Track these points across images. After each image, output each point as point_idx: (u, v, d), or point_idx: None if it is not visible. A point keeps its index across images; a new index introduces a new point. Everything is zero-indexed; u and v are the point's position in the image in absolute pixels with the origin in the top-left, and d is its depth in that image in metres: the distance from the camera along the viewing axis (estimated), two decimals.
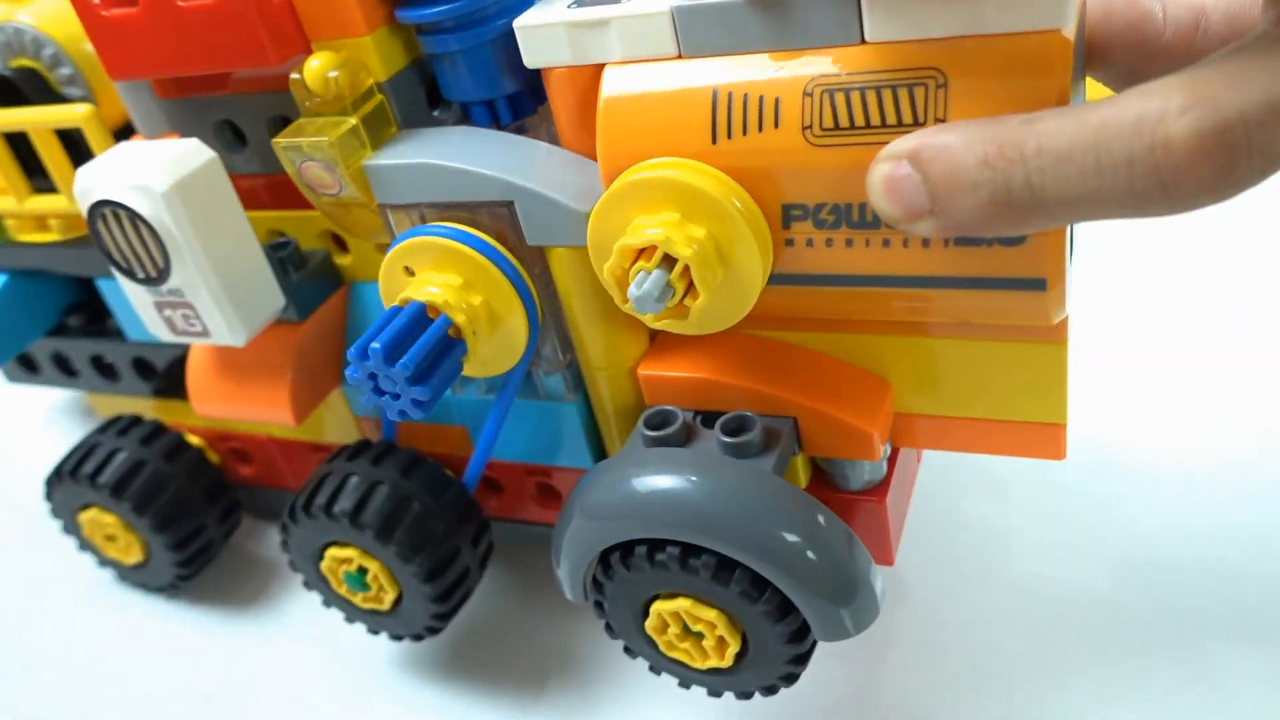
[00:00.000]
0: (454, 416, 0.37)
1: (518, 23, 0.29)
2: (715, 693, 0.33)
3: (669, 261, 0.27)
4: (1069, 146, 0.22)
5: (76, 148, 0.39)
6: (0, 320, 0.42)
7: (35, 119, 0.36)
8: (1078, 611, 0.37)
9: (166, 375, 0.43)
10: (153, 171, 0.32)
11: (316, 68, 0.31)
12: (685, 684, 0.33)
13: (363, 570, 0.36)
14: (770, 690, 0.31)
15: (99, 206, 0.32)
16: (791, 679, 0.31)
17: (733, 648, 0.30)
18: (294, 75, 0.32)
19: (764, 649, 0.30)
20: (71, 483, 0.41)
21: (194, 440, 0.43)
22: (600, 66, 0.29)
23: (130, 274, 0.34)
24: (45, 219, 0.41)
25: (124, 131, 0.40)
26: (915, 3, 0.25)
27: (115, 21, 0.33)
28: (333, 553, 0.36)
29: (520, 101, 0.33)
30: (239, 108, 0.35)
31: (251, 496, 0.46)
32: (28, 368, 0.46)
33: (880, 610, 0.30)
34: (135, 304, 0.35)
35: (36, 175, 0.40)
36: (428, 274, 0.31)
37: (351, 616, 0.39)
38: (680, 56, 0.28)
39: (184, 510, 0.41)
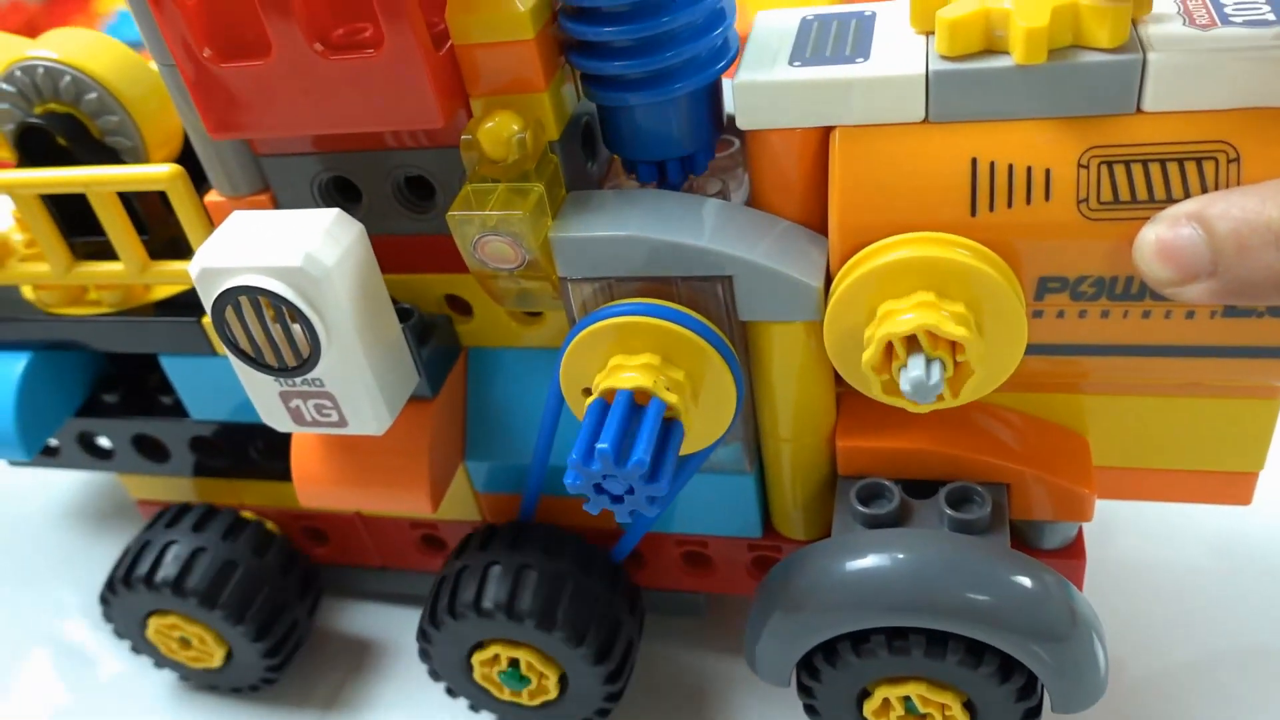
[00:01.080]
0: None
1: (736, 80, 0.27)
2: None
3: (933, 342, 0.26)
4: None
5: (130, 205, 0.34)
6: (29, 407, 0.36)
7: (109, 180, 0.31)
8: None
9: (229, 452, 0.38)
10: (304, 250, 0.27)
11: (496, 128, 0.27)
12: None
13: (514, 662, 0.33)
14: None
15: (231, 294, 0.28)
16: None
17: None
18: (466, 136, 0.28)
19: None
20: (145, 589, 0.36)
21: (272, 527, 0.39)
22: (824, 130, 0.27)
23: (260, 365, 0.29)
24: (86, 289, 0.35)
25: None
26: (1204, 75, 0.24)
27: (233, 75, 0.28)
28: (479, 655, 0.33)
29: (693, 160, 0.31)
30: (359, 165, 0.31)
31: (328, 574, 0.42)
32: (44, 452, 0.40)
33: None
34: (252, 394, 0.30)
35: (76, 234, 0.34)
36: (620, 359, 0.29)
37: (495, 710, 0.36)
38: (927, 120, 0.26)
39: (279, 610, 0.37)
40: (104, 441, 0.40)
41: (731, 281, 0.28)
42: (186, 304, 0.35)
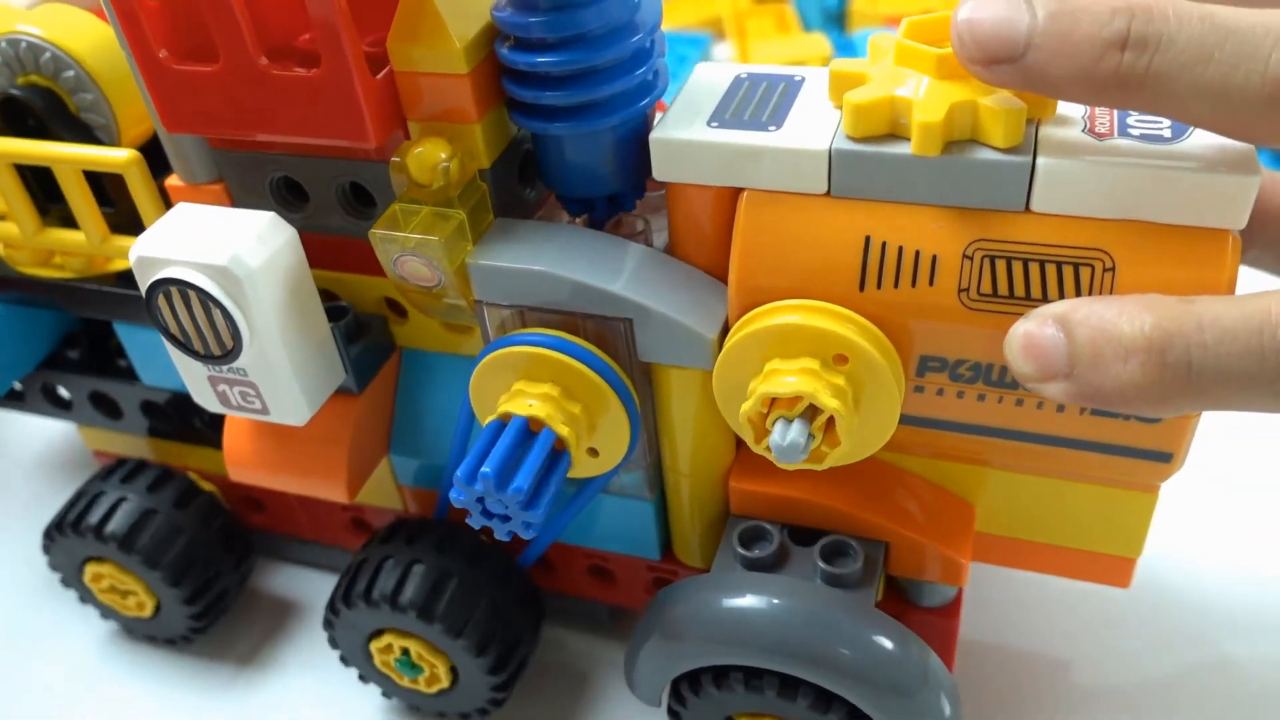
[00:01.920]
0: None
1: (654, 135, 0.28)
2: None
3: (810, 409, 0.27)
4: (1234, 326, 0.22)
5: (96, 181, 0.35)
6: None
7: (70, 158, 0.33)
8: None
9: (176, 418, 0.40)
10: (231, 251, 0.29)
11: (424, 154, 0.29)
12: None
13: (406, 651, 0.35)
14: None
15: (163, 284, 0.29)
16: None
17: None
18: (395, 158, 0.29)
19: None
20: (75, 535, 0.38)
21: (212, 489, 0.41)
22: (735, 189, 0.28)
23: (188, 350, 0.31)
24: (53, 253, 0.37)
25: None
26: (1091, 184, 0.25)
27: (185, 76, 0.29)
28: (376, 643, 0.35)
29: (621, 198, 0.32)
30: (306, 168, 0.32)
31: (261, 539, 0.44)
32: (10, 396, 0.42)
33: None
34: (184, 374, 0.32)
35: (46, 200, 0.36)
36: (523, 384, 0.30)
37: (400, 696, 0.38)
38: (829, 194, 0.27)
39: (210, 572, 0.39)
40: (64, 393, 0.42)
41: (632, 324, 0.29)
42: None
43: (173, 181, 0.34)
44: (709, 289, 0.30)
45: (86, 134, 0.36)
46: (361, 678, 0.38)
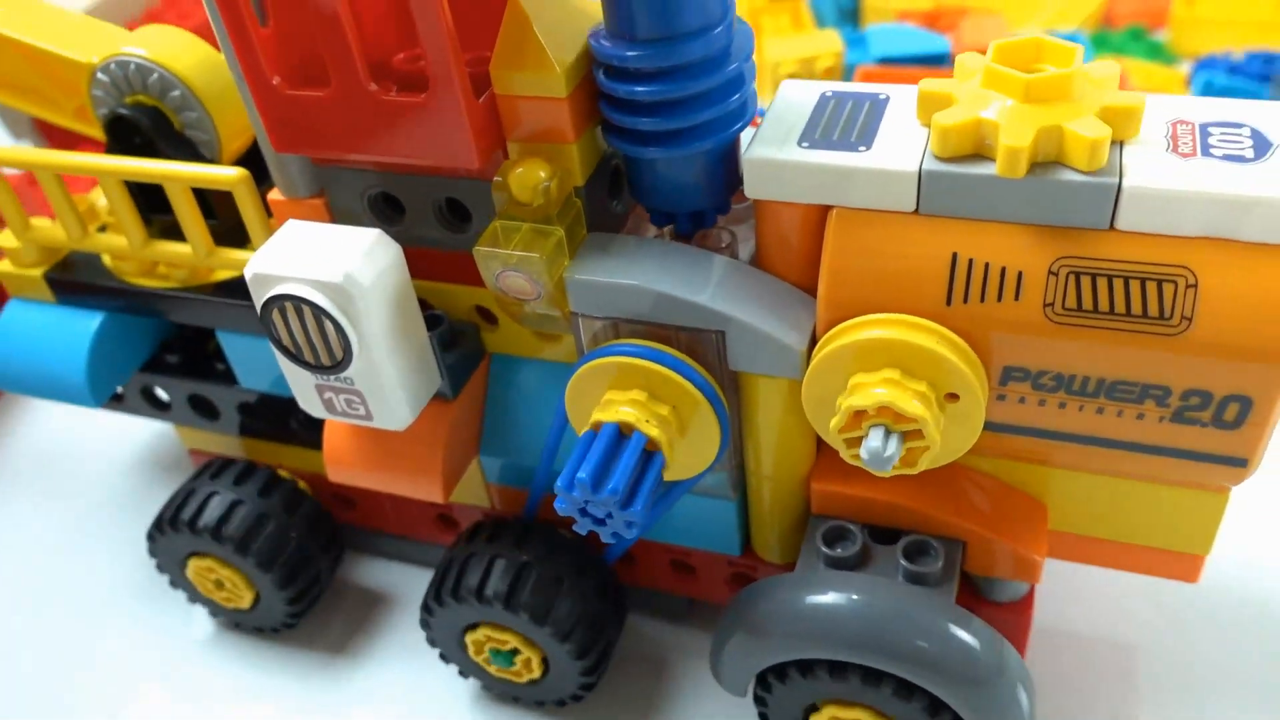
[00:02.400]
0: None
1: (748, 156, 0.29)
2: None
3: (895, 419, 0.28)
4: None
5: (200, 194, 0.37)
6: (98, 362, 0.40)
7: (183, 176, 0.34)
8: None
9: (272, 420, 0.42)
10: (344, 269, 0.30)
11: (525, 174, 0.30)
12: None
13: (515, 650, 0.37)
14: None
15: (278, 300, 0.31)
16: None
17: None
18: (497, 178, 0.31)
19: None
20: (175, 533, 0.40)
21: (304, 488, 0.43)
22: (824, 206, 0.30)
23: (299, 361, 0.33)
24: (157, 264, 0.39)
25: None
26: (1174, 204, 0.26)
27: (296, 100, 0.31)
28: (472, 635, 0.37)
29: (703, 215, 0.33)
30: (404, 185, 0.34)
31: (350, 533, 0.46)
32: (112, 398, 0.45)
33: None
34: (292, 383, 0.34)
35: (149, 211, 0.38)
36: (613, 394, 0.31)
37: (498, 688, 0.40)
38: (917, 212, 0.28)
39: (304, 563, 0.41)
40: (162, 395, 0.44)
41: (724, 336, 0.31)
42: (244, 288, 0.38)
43: (275, 196, 0.36)
44: (797, 302, 0.31)
45: (190, 149, 0.38)
46: (461, 673, 0.40)
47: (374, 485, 0.38)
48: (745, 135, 0.32)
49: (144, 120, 0.37)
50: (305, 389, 0.34)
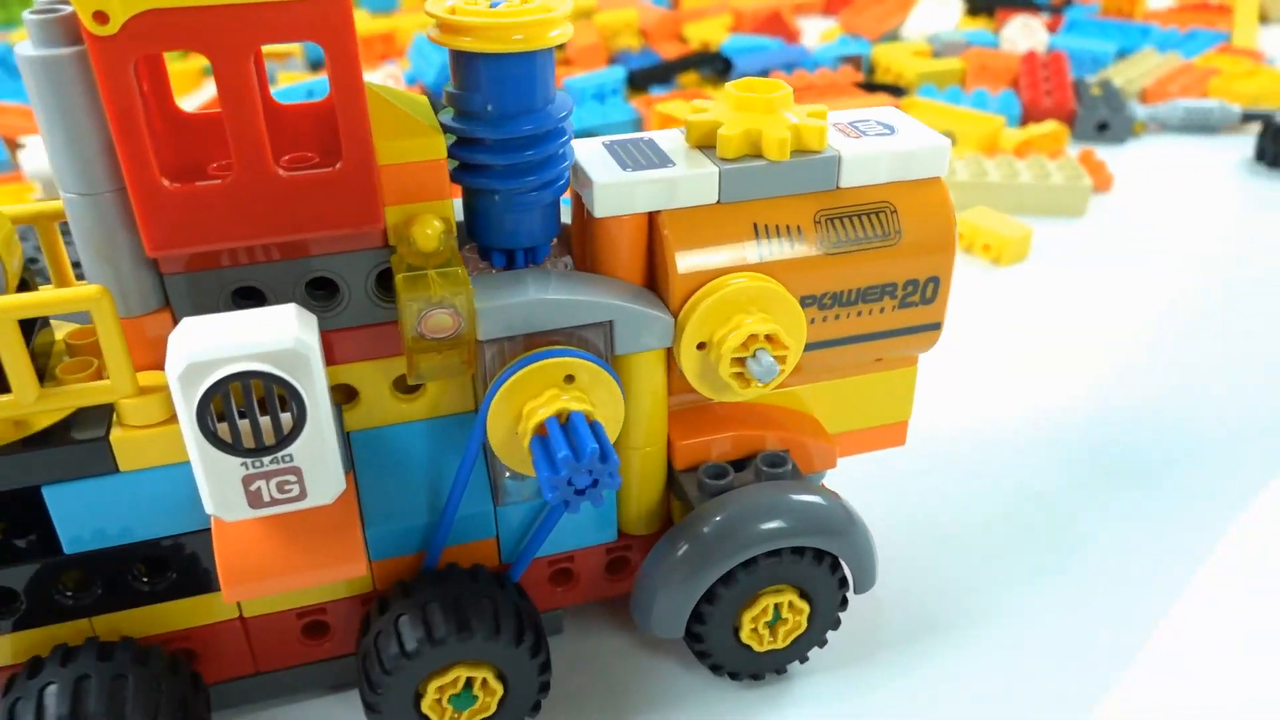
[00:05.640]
0: (487, 530, 0.41)
1: (599, 181, 0.37)
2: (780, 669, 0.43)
3: (769, 344, 0.38)
4: None
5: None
6: None
7: (43, 301, 0.32)
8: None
9: (105, 583, 0.37)
10: (288, 333, 0.32)
11: (426, 228, 0.35)
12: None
13: (469, 683, 0.38)
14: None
15: (221, 385, 0.31)
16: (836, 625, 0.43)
17: (806, 612, 0.42)
18: (403, 236, 0.35)
19: (826, 609, 0.42)
20: None
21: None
22: (649, 215, 0.39)
23: (236, 450, 0.32)
24: None
25: None
26: (871, 163, 0.40)
27: (186, 196, 0.32)
28: (435, 683, 0.38)
29: (535, 251, 0.40)
30: (269, 273, 0.35)
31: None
32: None
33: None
34: (208, 485, 0.33)
35: None
36: (530, 404, 0.37)
37: None
38: (720, 202, 0.39)
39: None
40: None
41: (612, 325, 0.38)
42: (73, 425, 0.35)
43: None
44: (641, 291, 0.39)
45: None
46: None
47: (284, 585, 0.36)
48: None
49: None
50: (225, 487, 0.33)
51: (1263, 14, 1.48)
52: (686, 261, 0.39)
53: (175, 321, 0.35)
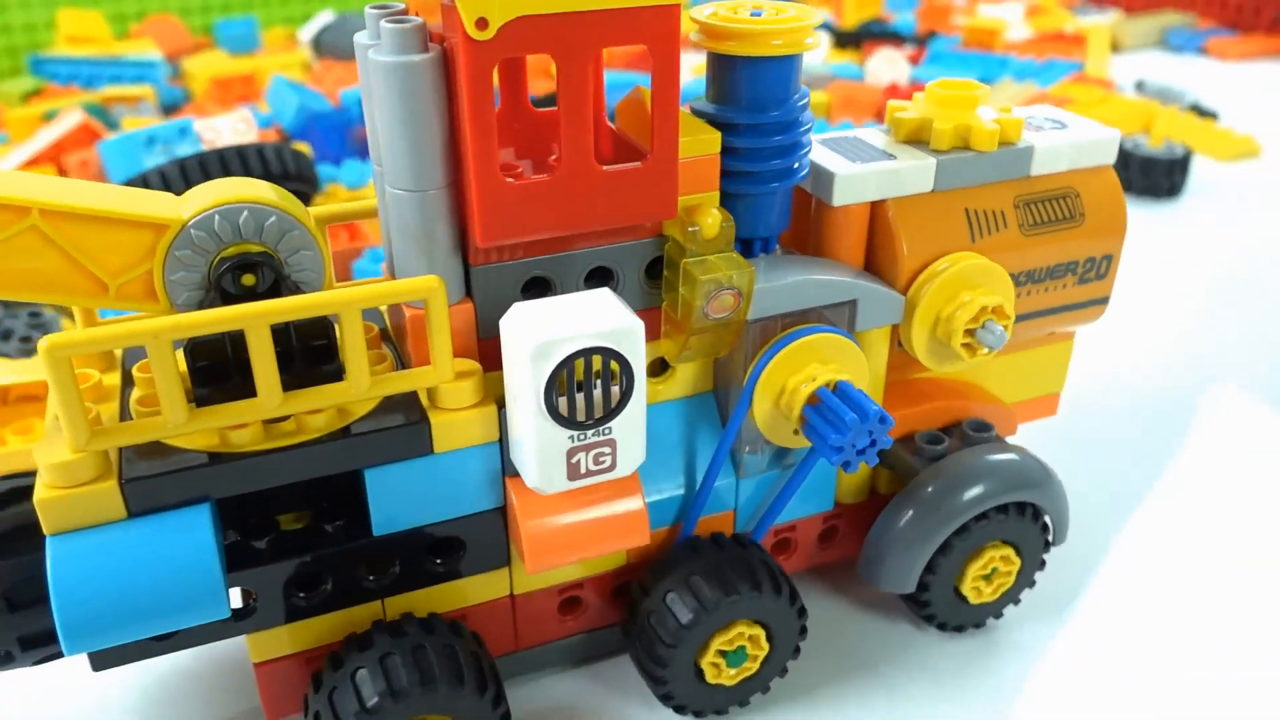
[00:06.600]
0: (728, 502, 0.44)
1: (840, 174, 0.41)
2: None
3: (996, 315, 0.42)
4: None
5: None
6: (214, 568, 0.34)
7: (367, 295, 0.34)
8: None
9: (404, 562, 0.39)
10: (619, 314, 0.34)
11: (710, 218, 0.38)
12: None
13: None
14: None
15: (568, 361, 0.34)
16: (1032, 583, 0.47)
17: (1017, 566, 0.45)
18: (692, 227, 0.38)
19: (1031, 562, 0.46)
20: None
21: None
22: (873, 203, 0.43)
23: (571, 423, 0.35)
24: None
25: None
26: (1062, 153, 0.45)
27: (518, 190, 0.35)
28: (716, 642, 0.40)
29: (768, 241, 0.43)
30: (557, 264, 0.38)
31: None
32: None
33: None
34: (534, 459, 0.35)
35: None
36: (794, 376, 0.40)
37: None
38: (934, 191, 0.43)
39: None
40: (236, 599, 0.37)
41: (856, 304, 0.41)
42: (388, 414, 0.37)
43: (414, 311, 0.37)
44: (861, 273, 0.43)
45: (296, 291, 0.36)
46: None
47: (580, 555, 0.39)
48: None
49: (267, 265, 0.34)
50: (552, 461, 0.35)
51: (1115, 44, 1.51)
52: (913, 244, 0.42)
53: (476, 312, 0.38)
